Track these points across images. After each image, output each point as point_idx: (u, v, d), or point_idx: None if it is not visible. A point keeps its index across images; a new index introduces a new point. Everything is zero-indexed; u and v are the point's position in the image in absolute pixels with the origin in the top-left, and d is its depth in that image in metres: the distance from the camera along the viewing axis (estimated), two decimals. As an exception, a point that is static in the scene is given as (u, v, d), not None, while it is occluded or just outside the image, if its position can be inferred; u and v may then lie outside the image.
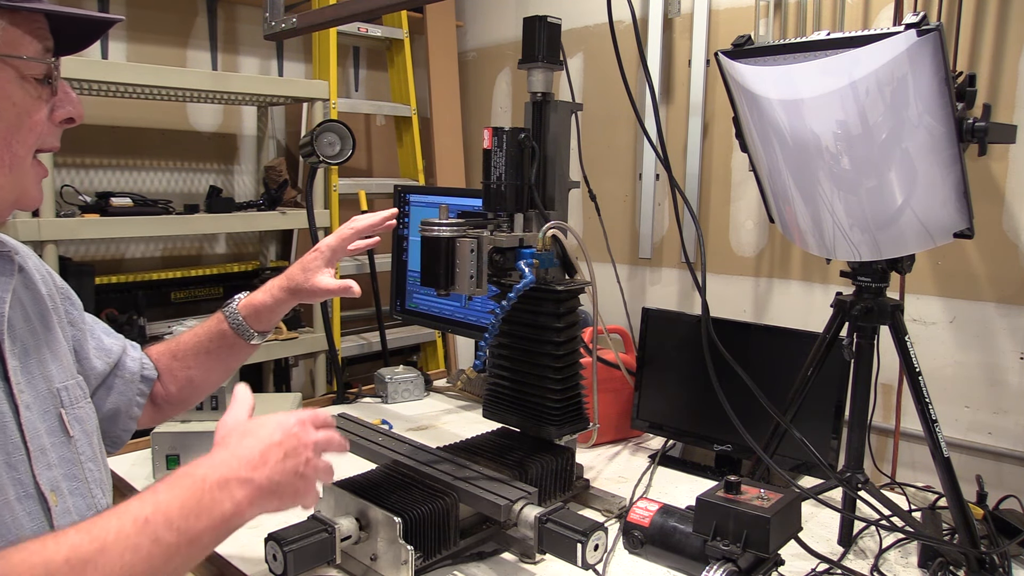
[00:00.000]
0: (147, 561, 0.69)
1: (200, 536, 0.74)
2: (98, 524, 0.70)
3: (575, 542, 1.09)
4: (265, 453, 0.82)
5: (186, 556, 0.73)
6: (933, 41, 1.02)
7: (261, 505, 0.80)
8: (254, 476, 0.79)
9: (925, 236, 1.18)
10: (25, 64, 0.80)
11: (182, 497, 0.74)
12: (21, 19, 0.79)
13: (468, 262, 1.31)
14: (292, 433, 0.85)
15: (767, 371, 1.43)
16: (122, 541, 0.69)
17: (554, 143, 1.44)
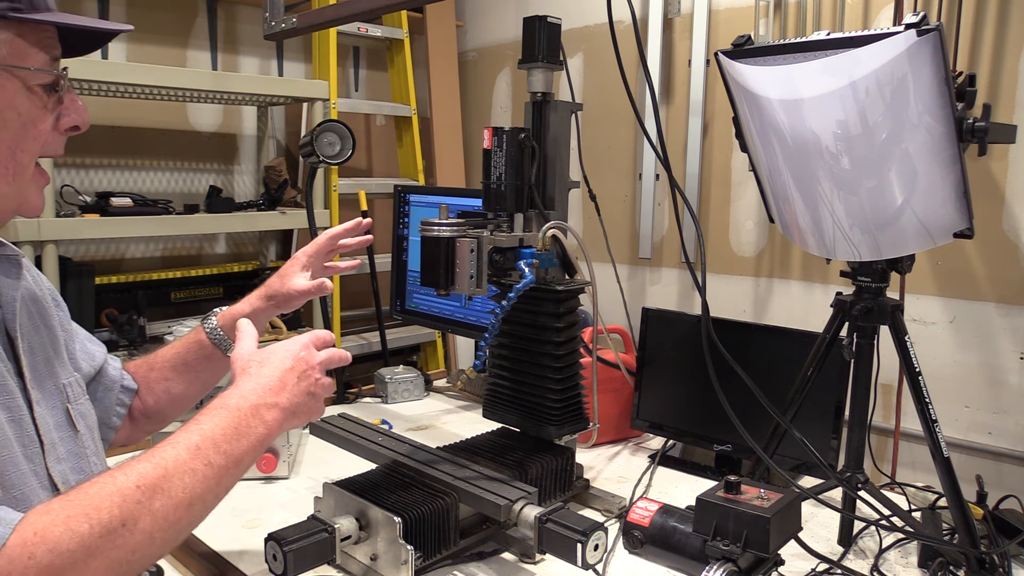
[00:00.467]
0: (203, 482, 0.79)
1: (243, 457, 0.84)
2: (157, 454, 0.77)
3: (575, 542, 1.09)
4: (283, 379, 0.91)
5: (233, 475, 0.83)
6: (933, 41, 1.02)
7: (286, 423, 0.90)
8: (279, 400, 0.89)
9: (925, 236, 1.18)
10: (31, 75, 0.80)
11: (223, 425, 0.83)
12: (29, 29, 0.80)
13: (468, 262, 1.31)
14: (301, 357, 0.94)
15: (767, 371, 1.43)
16: (180, 466, 0.77)
17: (554, 143, 1.44)
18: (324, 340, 1.00)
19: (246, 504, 1.49)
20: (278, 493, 1.55)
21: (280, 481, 1.60)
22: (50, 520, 0.69)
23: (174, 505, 0.76)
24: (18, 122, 0.81)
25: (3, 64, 0.78)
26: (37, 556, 0.67)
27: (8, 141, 0.80)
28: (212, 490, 0.80)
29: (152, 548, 0.74)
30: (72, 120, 0.88)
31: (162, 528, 0.75)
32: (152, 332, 2.50)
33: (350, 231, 1.34)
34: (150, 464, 0.76)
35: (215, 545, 1.32)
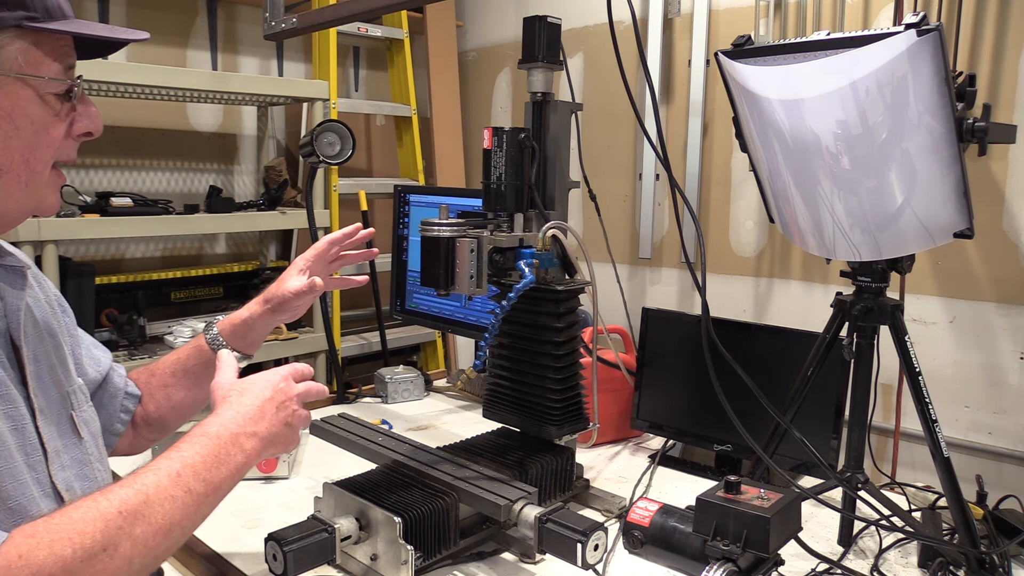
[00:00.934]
0: (182, 509, 0.80)
1: (221, 484, 0.85)
2: (139, 480, 0.79)
3: (575, 542, 1.09)
4: (262, 408, 0.93)
5: (211, 503, 0.85)
6: (933, 41, 1.02)
7: (264, 453, 0.92)
8: (257, 430, 0.91)
9: (925, 236, 1.18)
10: (46, 83, 0.81)
11: (203, 452, 0.85)
12: (45, 38, 0.81)
13: (468, 262, 1.31)
14: (280, 388, 0.96)
15: (767, 371, 1.43)
16: (161, 493, 0.79)
17: (554, 143, 1.44)
18: (303, 373, 1.01)
19: (246, 504, 1.49)
20: (278, 493, 1.55)
21: (280, 481, 1.60)
22: (35, 543, 0.70)
23: (154, 532, 0.77)
24: (31, 130, 0.81)
25: (18, 73, 0.79)
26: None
27: (21, 148, 0.81)
28: (190, 517, 0.82)
29: (130, 573, 0.76)
30: (85, 126, 0.88)
31: (141, 554, 0.76)
32: (152, 332, 2.50)
33: (349, 235, 1.34)
34: (132, 490, 0.77)
35: (215, 545, 1.32)
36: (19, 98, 0.80)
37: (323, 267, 1.31)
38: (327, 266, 1.32)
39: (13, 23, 0.77)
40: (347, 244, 1.35)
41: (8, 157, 0.80)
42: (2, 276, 0.89)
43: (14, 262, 0.91)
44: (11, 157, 0.81)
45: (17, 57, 0.79)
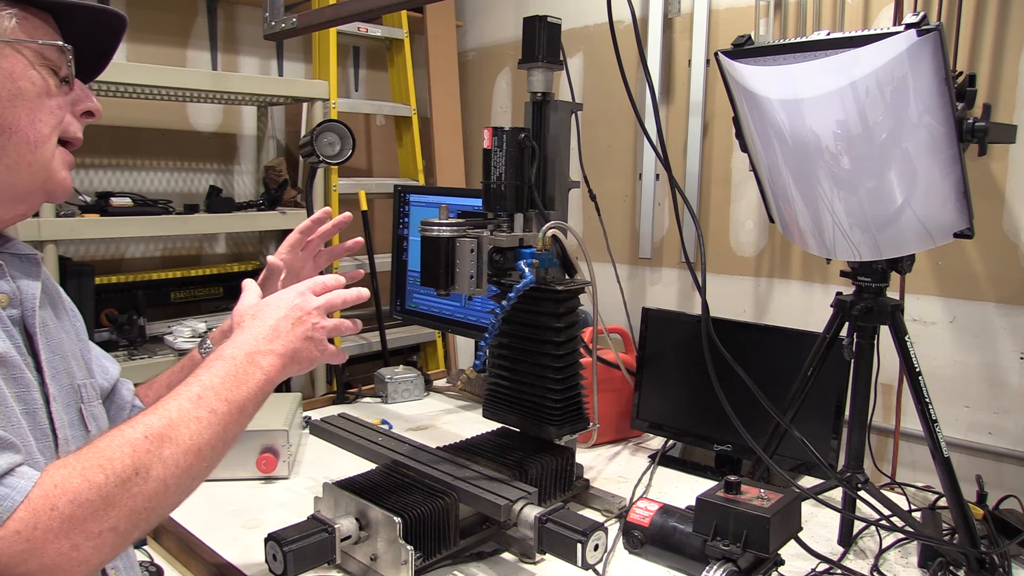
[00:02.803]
0: (208, 429, 0.82)
1: (245, 403, 0.87)
2: (162, 406, 0.81)
3: (575, 542, 1.09)
4: (275, 327, 0.94)
5: (237, 421, 0.86)
6: (933, 41, 1.02)
7: (286, 369, 0.93)
8: (273, 347, 0.92)
9: (925, 236, 1.18)
10: (41, 49, 0.84)
11: (221, 374, 0.87)
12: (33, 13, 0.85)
13: (468, 262, 1.31)
14: (294, 305, 0.97)
15: (767, 371, 1.43)
16: (185, 415, 0.81)
17: (554, 143, 1.44)
18: (325, 285, 1.02)
19: (246, 504, 1.49)
20: (278, 493, 1.55)
21: (280, 481, 1.60)
22: (68, 472, 0.73)
23: (183, 452, 0.79)
24: (33, 91, 0.84)
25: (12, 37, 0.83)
26: (59, 507, 0.70)
27: (26, 108, 0.84)
28: (219, 435, 0.83)
29: (167, 495, 0.78)
30: (86, 105, 0.91)
31: (174, 475, 0.78)
32: (152, 332, 2.50)
33: (319, 220, 1.29)
34: (155, 416, 0.80)
35: (215, 545, 1.32)
36: (17, 62, 0.83)
37: (300, 257, 1.28)
38: (305, 256, 1.29)
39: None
40: (321, 232, 1.30)
41: (15, 115, 0.83)
42: (16, 264, 0.90)
43: (27, 251, 0.93)
44: (18, 116, 0.83)
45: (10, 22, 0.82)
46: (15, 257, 0.91)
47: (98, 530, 0.73)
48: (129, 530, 0.76)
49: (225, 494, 1.53)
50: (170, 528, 1.38)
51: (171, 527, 1.38)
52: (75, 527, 0.71)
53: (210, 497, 1.51)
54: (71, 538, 0.71)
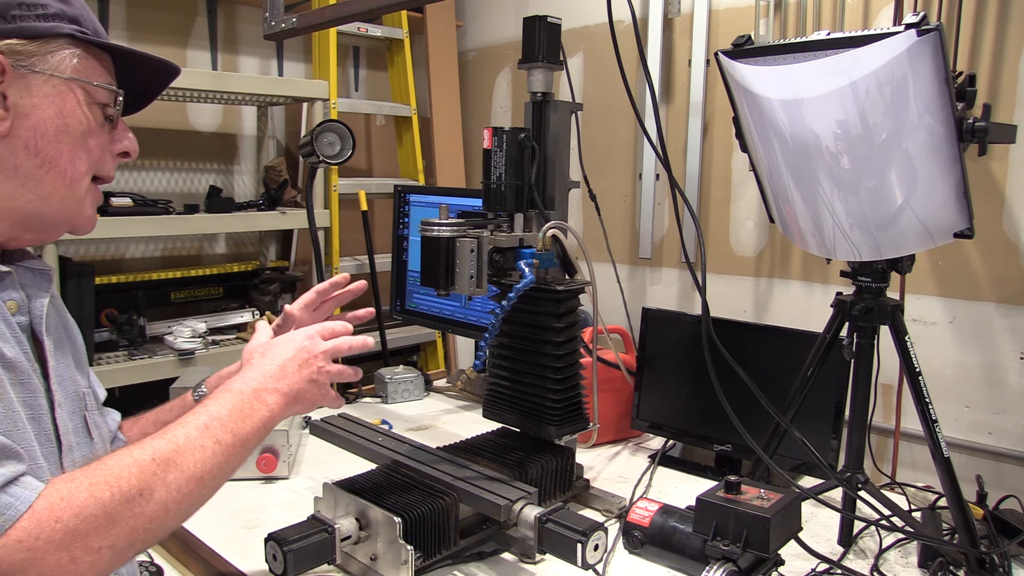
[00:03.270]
0: (212, 458, 0.86)
1: (248, 437, 0.91)
2: (170, 432, 0.85)
3: (575, 542, 1.09)
4: (283, 367, 0.99)
5: (239, 454, 0.90)
6: (933, 41, 1.02)
7: (289, 408, 0.97)
8: (279, 386, 0.97)
9: (925, 236, 1.18)
10: (93, 90, 0.90)
11: (228, 407, 0.91)
12: (92, 53, 0.90)
13: (468, 262, 1.31)
14: (302, 347, 1.02)
15: (767, 371, 1.43)
16: (192, 443, 0.85)
17: (554, 143, 1.44)
18: (333, 331, 1.06)
19: (246, 504, 1.49)
20: (278, 493, 1.55)
21: (280, 481, 1.60)
22: (75, 487, 0.75)
23: (186, 478, 0.82)
24: (79, 130, 0.89)
25: (71, 76, 0.88)
26: (64, 520, 0.73)
27: (68, 145, 0.88)
28: (220, 466, 0.87)
29: (167, 519, 0.81)
30: (124, 146, 0.96)
31: (176, 500, 0.81)
32: (152, 332, 2.50)
33: (337, 285, 1.29)
34: (163, 440, 0.84)
35: (215, 545, 1.32)
36: (69, 99, 0.88)
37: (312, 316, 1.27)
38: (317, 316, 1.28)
39: (68, 32, 0.87)
40: (337, 296, 1.30)
41: (57, 151, 0.87)
42: (29, 277, 0.93)
43: (41, 265, 0.97)
44: (60, 152, 0.88)
45: (70, 61, 0.88)
46: (28, 271, 0.94)
47: (98, 546, 0.75)
48: (126, 549, 0.78)
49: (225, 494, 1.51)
50: (170, 528, 1.38)
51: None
52: (76, 541, 0.73)
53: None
54: (71, 551, 0.73)
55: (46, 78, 0.86)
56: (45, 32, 0.86)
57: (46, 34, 0.86)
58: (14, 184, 0.87)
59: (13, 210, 0.88)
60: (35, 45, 0.85)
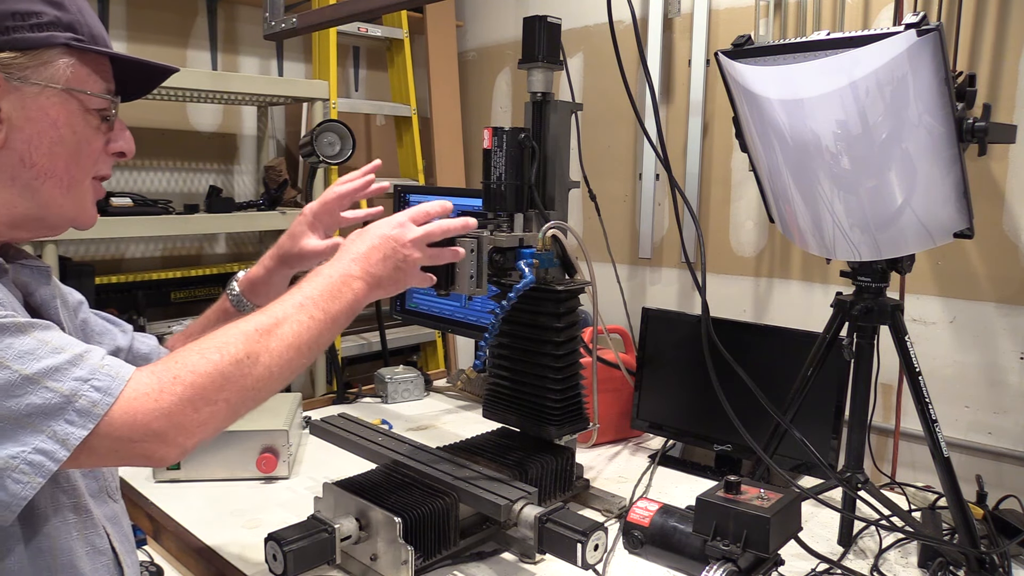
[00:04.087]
0: (308, 331, 0.94)
1: (338, 316, 0.98)
2: (270, 309, 0.94)
3: (575, 542, 1.09)
4: (368, 254, 1.05)
5: (330, 330, 0.97)
6: (933, 41, 1.02)
7: (373, 293, 1.04)
8: (363, 274, 1.03)
9: (925, 236, 1.18)
10: (88, 99, 0.90)
11: (320, 288, 0.98)
12: (89, 59, 0.90)
13: (468, 262, 1.31)
14: (389, 236, 1.06)
15: (767, 371, 1.43)
16: (290, 317, 0.93)
17: (554, 143, 1.44)
18: (428, 213, 1.12)
19: (246, 504, 1.49)
20: (278, 493, 1.55)
21: (280, 481, 1.60)
22: (187, 352, 0.85)
23: (286, 347, 0.91)
24: (74, 140, 0.90)
25: (66, 86, 0.88)
26: (181, 376, 0.82)
27: (64, 156, 0.90)
28: (315, 339, 0.94)
29: (270, 382, 0.89)
30: (120, 146, 0.97)
31: (278, 364, 0.90)
32: (152, 332, 2.49)
33: (358, 189, 1.31)
34: (265, 316, 0.92)
35: (215, 545, 1.32)
36: (64, 109, 0.88)
37: (331, 220, 1.30)
38: (335, 219, 1.31)
39: (63, 42, 0.87)
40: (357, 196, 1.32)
41: (53, 162, 0.89)
42: (29, 275, 0.95)
43: (37, 263, 0.98)
44: (55, 163, 0.89)
45: (65, 71, 0.88)
46: (25, 267, 0.95)
47: (215, 398, 0.84)
48: (238, 405, 0.87)
49: (225, 494, 1.53)
50: (170, 528, 1.38)
51: (171, 527, 1.38)
52: (196, 393, 0.82)
53: (210, 497, 1.51)
54: (193, 403, 0.82)
55: (40, 89, 0.86)
56: (39, 43, 0.86)
57: (40, 45, 0.86)
58: (12, 193, 0.88)
59: (13, 215, 0.89)
60: (28, 57, 0.85)
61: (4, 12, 0.84)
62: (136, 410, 0.79)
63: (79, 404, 0.77)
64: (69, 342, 0.81)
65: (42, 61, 0.86)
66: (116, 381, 0.80)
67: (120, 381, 0.80)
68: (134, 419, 0.79)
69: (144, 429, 0.80)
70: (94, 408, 0.78)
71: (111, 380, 0.79)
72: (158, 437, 0.80)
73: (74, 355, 0.80)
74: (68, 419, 0.77)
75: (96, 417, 0.78)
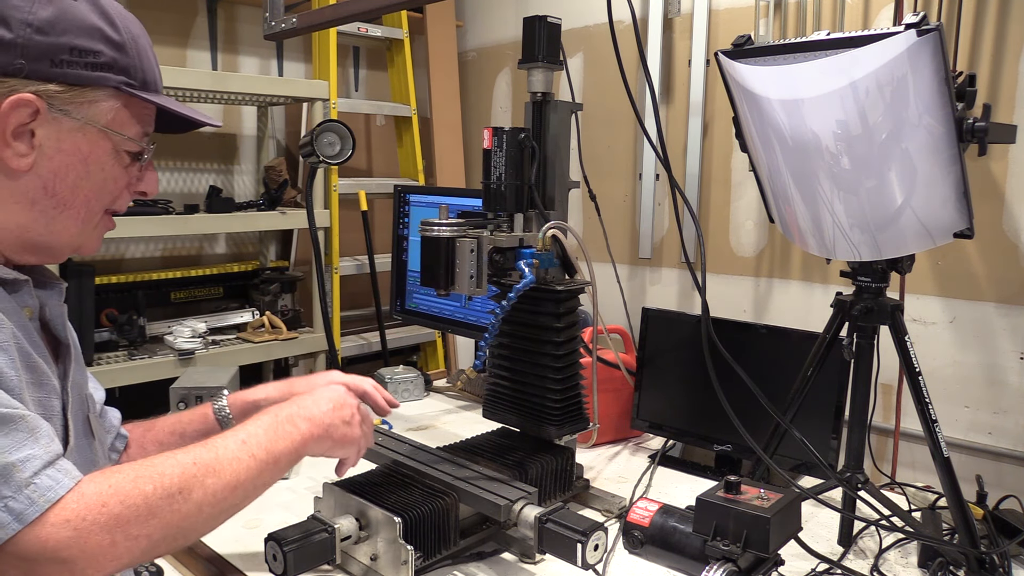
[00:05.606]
0: (247, 471, 0.91)
1: (280, 456, 0.97)
2: (210, 443, 0.91)
3: (575, 542, 1.09)
4: (318, 403, 1.06)
5: (271, 471, 0.95)
6: (933, 41, 1.02)
7: (321, 440, 1.04)
8: (312, 417, 1.04)
9: (925, 236, 1.18)
10: (124, 141, 0.91)
11: (264, 427, 0.98)
12: (134, 104, 0.91)
13: (468, 262, 1.31)
14: (340, 394, 1.11)
15: (767, 371, 1.43)
16: (230, 454, 0.91)
17: (554, 143, 1.44)
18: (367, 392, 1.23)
19: (246, 504, 1.48)
20: (278, 493, 1.55)
21: (280, 481, 1.59)
22: (122, 477, 0.81)
23: (222, 486, 0.88)
24: (100, 176, 0.91)
25: (105, 126, 0.89)
26: (109, 505, 0.79)
27: (86, 191, 0.91)
28: (253, 480, 0.92)
29: (199, 520, 0.86)
30: (144, 187, 1.00)
31: (210, 503, 0.87)
32: (152, 332, 2.49)
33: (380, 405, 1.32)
34: (204, 449, 0.90)
35: (215, 545, 1.32)
36: (98, 148, 0.89)
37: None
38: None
39: (114, 84, 0.88)
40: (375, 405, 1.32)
41: (74, 196, 0.90)
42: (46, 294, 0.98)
43: (56, 281, 1.01)
44: (76, 196, 0.90)
45: (108, 113, 0.89)
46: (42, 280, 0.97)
47: (136, 533, 0.80)
48: (160, 542, 0.83)
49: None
50: (170, 528, 1.38)
51: (171, 527, 1.38)
52: (119, 526, 0.79)
53: (210, 497, 1.50)
54: (112, 534, 0.78)
55: (80, 125, 0.87)
56: (90, 82, 0.86)
57: (90, 83, 0.86)
58: (29, 217, 0.88)
59: (24, 239, 0.90)
60: (75, 93, 0.85)
61: (63, 45, 0.84)
62: (49, 536, 0.75)
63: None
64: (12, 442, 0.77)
65: (88, 100, 0.87)
66: (33, 507, 0.75)
67: (39, 506, 0.75)
68: (45, 545, 0.75)
69: (52, 555, 0.76)
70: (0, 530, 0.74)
71: (27, 505, 0.75)
72: (65, 565, 0.77)
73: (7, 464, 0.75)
74: None
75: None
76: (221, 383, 1.90)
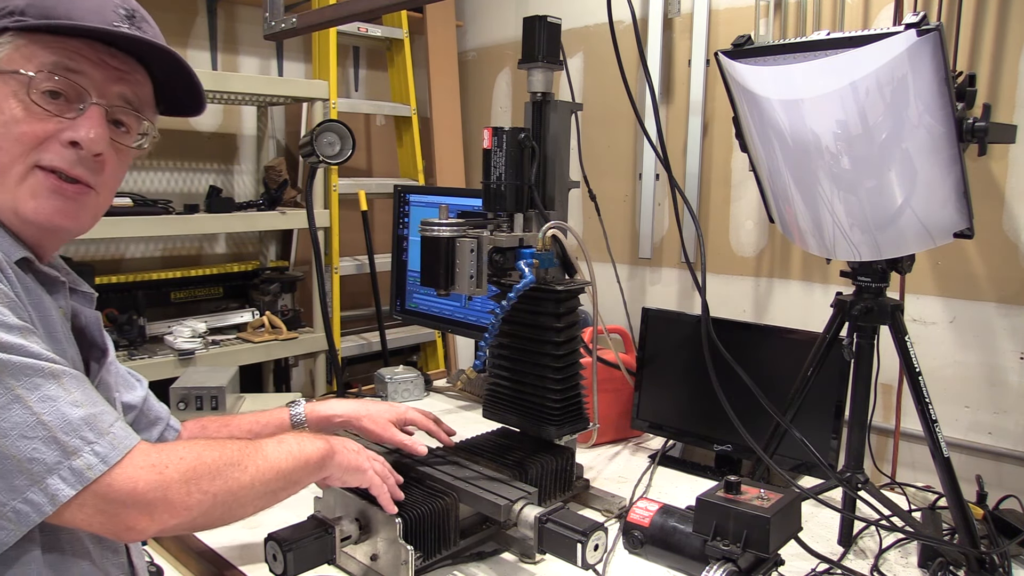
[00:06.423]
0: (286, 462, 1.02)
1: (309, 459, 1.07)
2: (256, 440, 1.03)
3: (575, 542, 1.09)
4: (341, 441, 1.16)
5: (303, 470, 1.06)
6: (933, 41, 1.02)
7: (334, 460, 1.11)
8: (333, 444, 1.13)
9: (925, 236, 1.18)
10: (24, 79, 0.86)
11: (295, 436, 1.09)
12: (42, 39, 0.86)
13: (468, 262, 1.31)
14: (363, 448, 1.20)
15: (767, 371, 1.43)
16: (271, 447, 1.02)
17: (554, 143, 1.44)
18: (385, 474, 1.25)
19: (246, 504, 1.48)
20: (278, 493, 1.55)
21: (280, 481, 1.60)
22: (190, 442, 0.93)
23: (268, 467, 0.99)
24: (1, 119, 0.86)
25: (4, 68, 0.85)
26: (186, 459, 0.88)
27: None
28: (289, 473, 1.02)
29: (251, 494, 0.96)
30: (71, 136, 0.88)
31: (260, 481, 0.97)
32: (152, 332, 2.49)
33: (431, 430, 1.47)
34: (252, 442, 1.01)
35: (215, 545, 1.32)
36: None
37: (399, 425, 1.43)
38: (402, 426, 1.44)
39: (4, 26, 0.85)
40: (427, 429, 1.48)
41: None
42: (79, 299, 1.02)
43: (86, 289, 1.05)
44: None
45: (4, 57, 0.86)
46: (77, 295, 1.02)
47: (205, 488, 0.89)
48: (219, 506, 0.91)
49: (225, 494, 1.52)
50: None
51: (171, 527, 1.38)
52: (193, 478, 0.88)
53: (210, 497, 1.50)
54: (188, 485, 0.87)
55: None
56: None
57: None
58: None
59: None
60: None
61: None
62: (138, 478, 0.83)
63: (76, 464, 0.80)
64: (87, 398, 0.84)
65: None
66: (115, 451, 0.83)
67: (120, 451, 0.83)
68: (134, 486, 0.83)
69: (140, 497, 0.83)
70: (88, 471, 0.80)
71: (111, 449, 0.82)
72: (147, 508, 0.84)
73: (88, 414, 0.82)
74: (62, 475, 0.79)
75: (86, 480, 0.80)
76: (221, 383, 1.90)
